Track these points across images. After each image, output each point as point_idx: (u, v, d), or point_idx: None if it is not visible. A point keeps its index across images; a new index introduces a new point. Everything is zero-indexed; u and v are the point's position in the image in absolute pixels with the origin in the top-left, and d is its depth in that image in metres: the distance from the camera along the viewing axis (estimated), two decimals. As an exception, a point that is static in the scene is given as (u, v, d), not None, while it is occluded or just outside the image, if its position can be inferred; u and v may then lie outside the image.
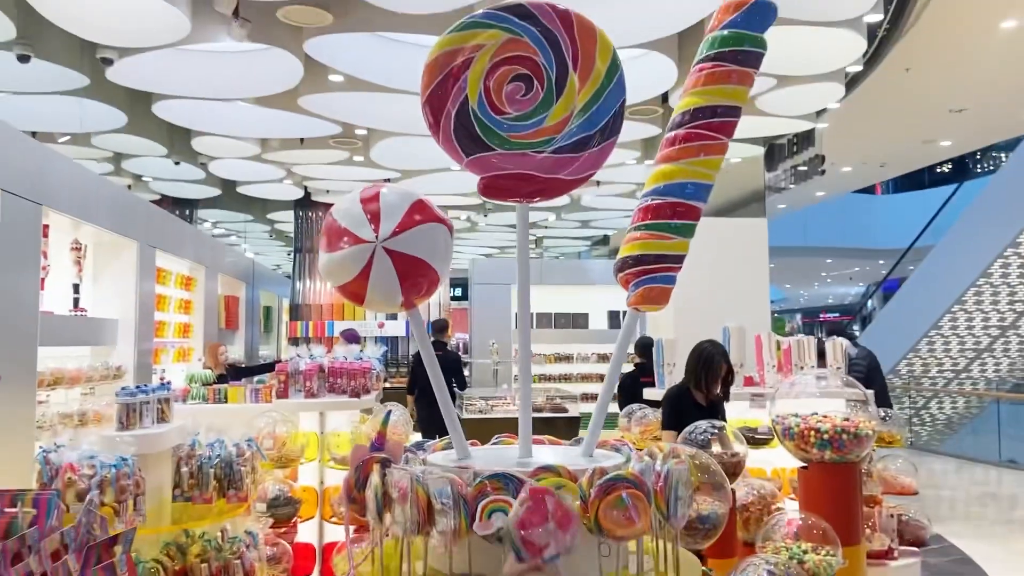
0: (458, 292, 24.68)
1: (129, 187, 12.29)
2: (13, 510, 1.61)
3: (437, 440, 2.50)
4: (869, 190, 28.45)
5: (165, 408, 3.21)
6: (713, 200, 2.58)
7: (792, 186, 15.05)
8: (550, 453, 2.39)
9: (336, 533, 4.88)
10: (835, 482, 3.66)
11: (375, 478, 2.06)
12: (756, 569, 3.00)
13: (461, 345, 19.06)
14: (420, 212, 2.15)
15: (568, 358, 14.75)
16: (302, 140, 10.26)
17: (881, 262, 26.34)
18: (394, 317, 15.04)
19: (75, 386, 6.46)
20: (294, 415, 4.88)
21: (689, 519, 3.14)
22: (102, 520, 1.75)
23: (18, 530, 1.40)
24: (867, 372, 6.73)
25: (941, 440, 16.78)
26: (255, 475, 3.35)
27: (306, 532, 4.96)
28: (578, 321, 15.01)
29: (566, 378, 14.18)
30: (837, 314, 37.31)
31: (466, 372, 15.55)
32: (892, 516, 5.22)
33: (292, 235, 16.38)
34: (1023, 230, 13.73)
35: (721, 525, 3.28)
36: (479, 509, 1.85)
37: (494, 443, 2.59)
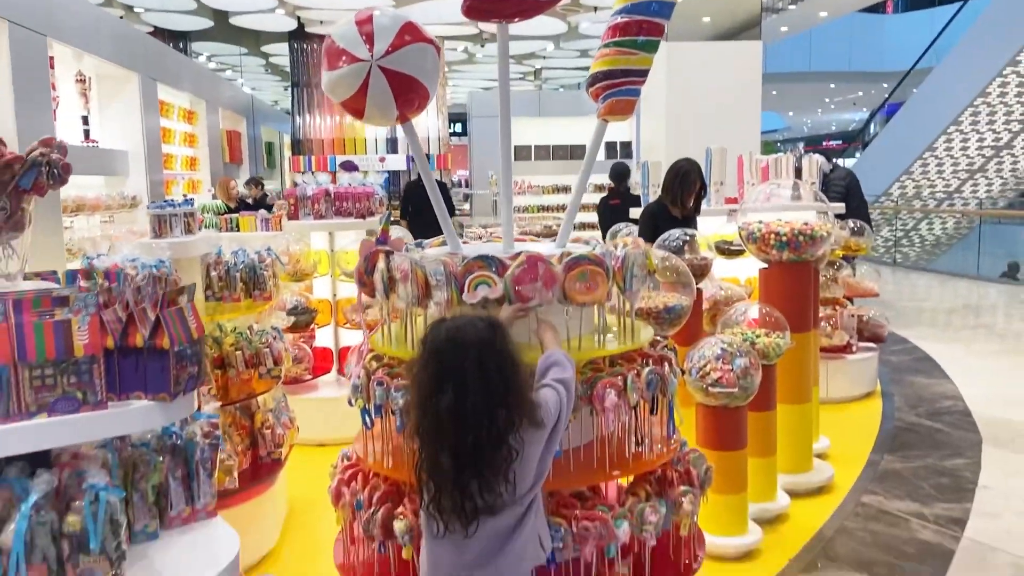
0: (457, 128, 24.58)
1: (121, 18, 12.16)
2: (87, 283, 2.01)
3: (433, 239, 2.89)
4: (878, 9, 27.54)
5: (191, 221, 3.59)
6: (710, 25, 2.81)
7: (792, 6, 14.74)
8: (529, 245, 2.78)
9: (349, 338, 5.42)
10: (790, 278, 4.11)
11: (381, 264, 2.47)
12: (712, 347, 3.50)
13: (463, 181, 19.33)
14: (410, 33, 2.42)
15: (566, 189, 15.04)
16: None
17: (884, 85, 25.96)
18: (394, 151, 15.23)
19: (95, 213, 6.87)
20: (306, 235, 5.30)
21: (657, 309, 3.62)
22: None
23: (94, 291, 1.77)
24: (845, 191, 7.06)
25: (929, 259, 17.37)
26: (275, 279, 3.78)
27: (323, 338, 5.50)
28: (576, 153, 15.17)
29: (563, 208, 14.54)
30: (840, 141, 37.03)
31: (466, 205, 15.94)
32: (852, 316, 5.74)
33: (287, 69, 16.26)
34: (1023, 48, 13.59)
35: (685, 315, 3.75)
36: (467, 283, 2.26)
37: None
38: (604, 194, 7.91)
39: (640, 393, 2.37)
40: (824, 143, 38.49)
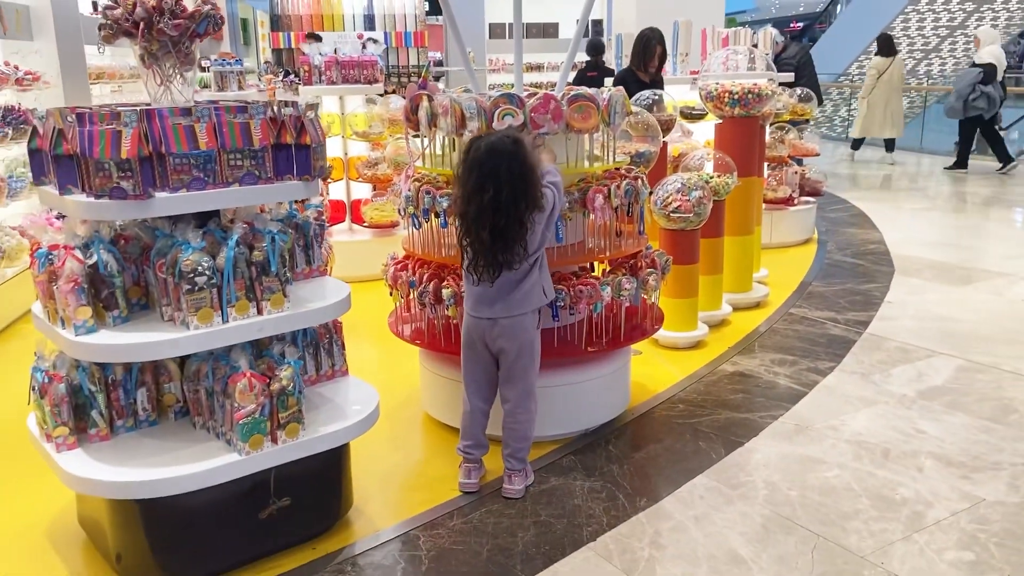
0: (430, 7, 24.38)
1: None
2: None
3: (457, 88, 3.65)
4: None
5: (241, 79, 4.29)
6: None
7: None
8: (534, 93, 3.56)
9: (360, 191, 6.20)
10: (740, 131, 4.95)
11: (424, 103, 3.25)
12: (673, 183, 4.35)
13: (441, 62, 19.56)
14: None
15: (539, 67, 15.50)
16: None
17: (852, -35, 26.08)
18: (371, 27, 15.49)
19: (112, 80, 7.41)
20: (318, 97, 5.99)
21: (629, 154, 4.44)
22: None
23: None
24: (797, 64, 7.82)
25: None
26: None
27: (336, 191, 6.26)
28: (548, 31, 15.54)
29: (537, 86, 15.05)
30: (806, 22, 37.11)
31: (441, 84, 16.34)
32: (796, 173, 6.63)
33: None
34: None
35: (653, 160, 4.60)
36: (495, 115, 3.05)
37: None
38: (582, 66, 8.59)
39: (620, 199, 3.23)
40: (791, 24, 38.58)
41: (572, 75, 8.77)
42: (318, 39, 11.62)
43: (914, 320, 4.77)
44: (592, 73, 8.24)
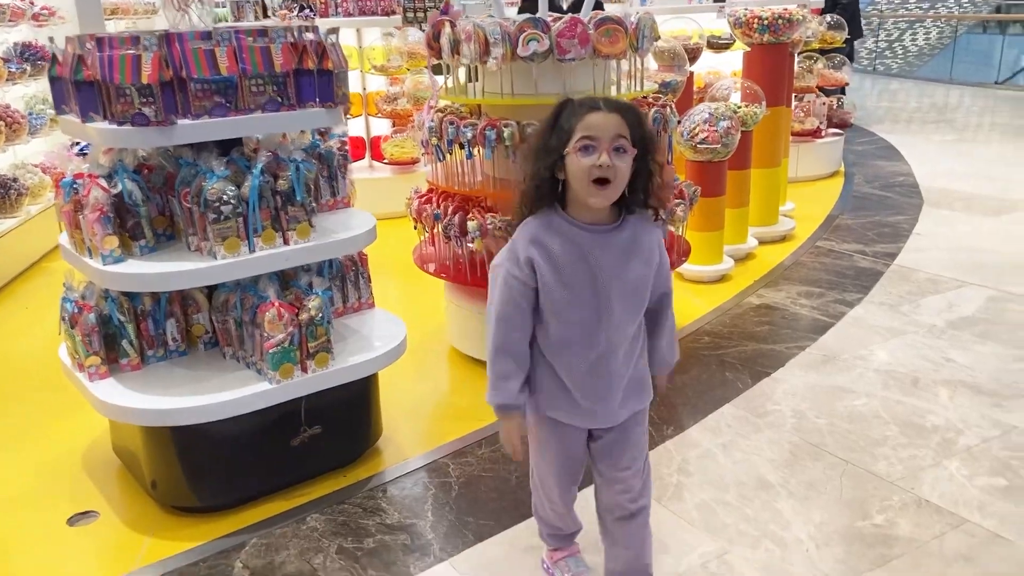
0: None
1: None
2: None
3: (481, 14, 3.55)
4: None
5: (257, 10, 4.21)
6: None
7: None
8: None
9: (379, 127, 6.13)
10: (769, 59, 4.81)
11: (447, 29, 3.16)
12: (700, 112, 4.25)
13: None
14: None
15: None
16: None
17: None
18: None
19: (127, 16, 7.32)
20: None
21: (657, 83, 4.34)
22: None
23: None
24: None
25: (910, 68, 17.84)
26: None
27: (355, 128, 6.20)
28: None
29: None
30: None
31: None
32: (824, 104, 6.48)
33: None
34: None
35: (679, 89, 4.49)
36: (520, 39, 2.97)
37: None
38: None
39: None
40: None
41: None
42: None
43: (944, 251, 4.69)
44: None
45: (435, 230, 3.31)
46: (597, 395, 1.74)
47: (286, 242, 2.39)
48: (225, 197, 2.27)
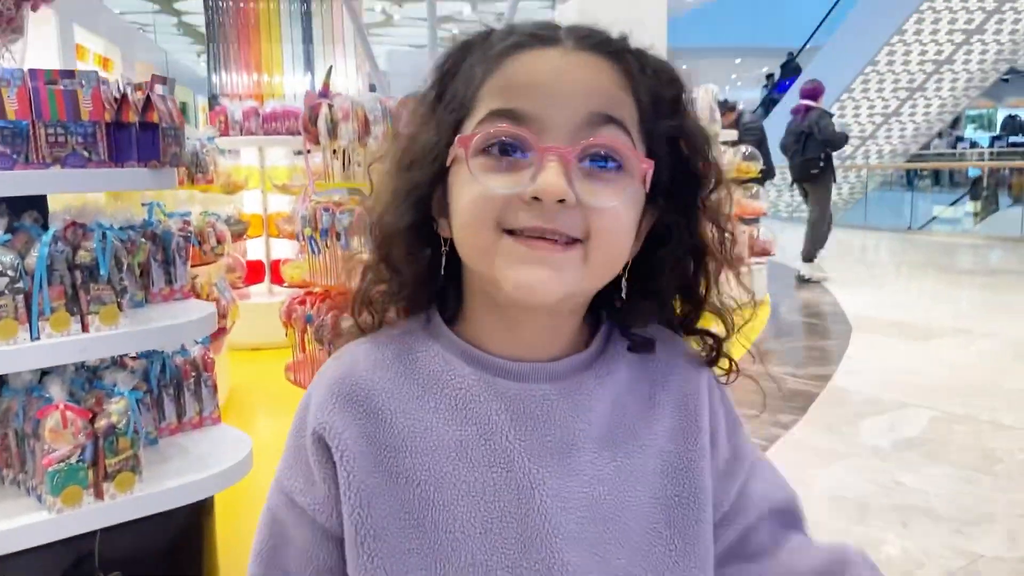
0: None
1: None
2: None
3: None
4: (782, -13, 28.64)
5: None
6: None
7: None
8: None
9: (280, 249, 5.72)
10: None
11: (324, 111, 2.84)
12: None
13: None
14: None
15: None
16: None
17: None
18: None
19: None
20: (236, 149, 5.57)
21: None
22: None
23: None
24: (759, 132, 7.56)
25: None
26: (216, 165, 4.08)
27: (255, 251, 5.78)
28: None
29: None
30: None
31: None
32: (744, 232, 6.34)
33: (202, 29, 16.07)
34: (908, 18, 14.64)
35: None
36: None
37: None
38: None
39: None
40: (732, 119, 39.77)
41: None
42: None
43: (879, 373, 4.38)
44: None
45: (306, 334, 2.84)
46: None
47: (85, 328, 1.89)
48: (1, 268, 1.79)
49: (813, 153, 7.44)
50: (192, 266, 3.79)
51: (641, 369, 0.78)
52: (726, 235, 0.77)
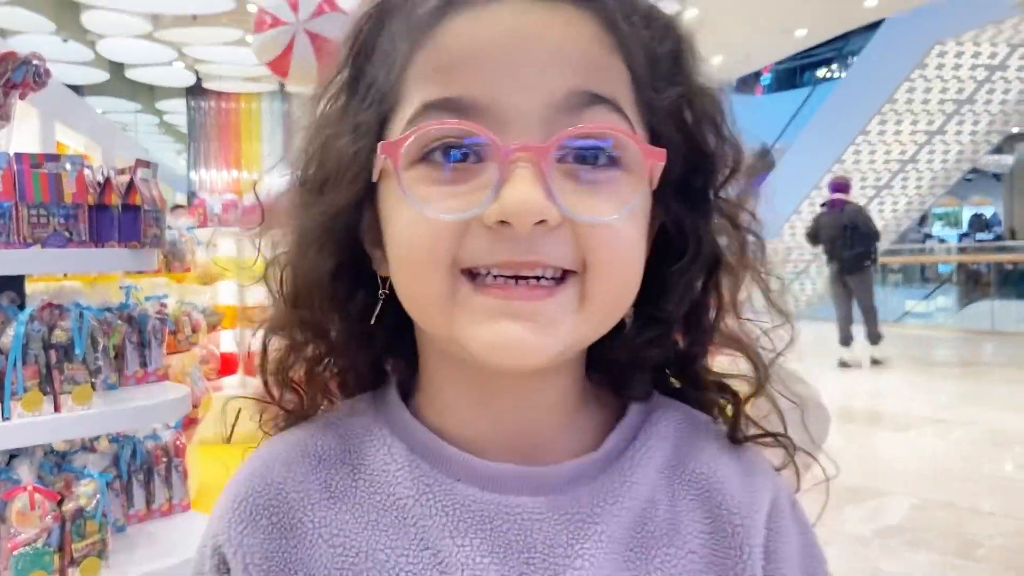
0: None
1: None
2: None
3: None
4: (751, 90, 29.85)
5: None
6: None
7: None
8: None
9: (255, 342, 5.68)
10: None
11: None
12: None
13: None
14: (330, 5, 2.91)
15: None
16: (195, 17, 10.48)
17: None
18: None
19: None
20: (216, 238, 5.60)
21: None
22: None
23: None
24: None
25: (797, 311, 18.73)
26: (194, 255, 4.09)
27: (228, 341, 5.74)
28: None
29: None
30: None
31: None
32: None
33: (182, 129, 16.38)
34: (870, 118, 15.23)
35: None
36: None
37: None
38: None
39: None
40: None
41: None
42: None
43: (857, 461, 4.37)
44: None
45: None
46: None
47: (57, 408, 1.86)
48: (-26, 347, 1.77)
49: (863, 247, 7.63)
50: (167, 354, 3.78)
51: (677, 471, 0.54)
52: (748, 238, 0.56)
